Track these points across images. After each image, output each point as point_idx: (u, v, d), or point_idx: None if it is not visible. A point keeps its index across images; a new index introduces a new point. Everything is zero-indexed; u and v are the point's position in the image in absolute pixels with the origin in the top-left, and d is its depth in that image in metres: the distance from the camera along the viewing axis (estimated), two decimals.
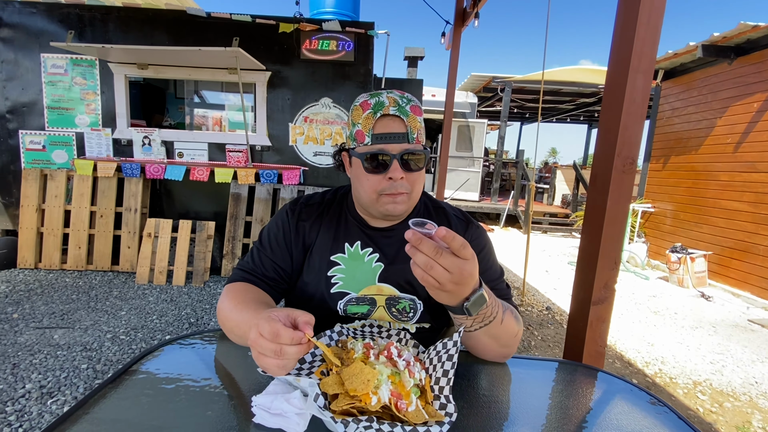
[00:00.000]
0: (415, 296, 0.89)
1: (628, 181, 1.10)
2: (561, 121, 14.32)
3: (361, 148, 0.83)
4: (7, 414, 1.78)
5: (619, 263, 1.16)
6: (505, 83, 8.39)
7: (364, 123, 0.82)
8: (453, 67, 4.07)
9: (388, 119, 0.81)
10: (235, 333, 0.78)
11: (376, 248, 0.90)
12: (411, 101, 0.83)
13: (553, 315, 3.58)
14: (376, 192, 0.83)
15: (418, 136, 0.83)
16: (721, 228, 4.81)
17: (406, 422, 0.57)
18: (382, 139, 0.81)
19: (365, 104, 0.83)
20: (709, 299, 4.26)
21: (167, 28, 3.85)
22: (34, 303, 3.03)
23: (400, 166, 0.81)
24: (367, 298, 0.88)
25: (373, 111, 0.81)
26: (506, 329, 0.76)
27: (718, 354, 2.98)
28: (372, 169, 0.82)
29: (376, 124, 0.81)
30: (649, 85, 1.08)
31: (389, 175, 0.81)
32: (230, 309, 0.78)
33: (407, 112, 0.81)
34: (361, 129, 0.82)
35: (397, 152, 0.81)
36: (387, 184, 0.82)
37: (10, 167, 3.94)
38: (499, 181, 8.96)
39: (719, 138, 4.93)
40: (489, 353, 0.80)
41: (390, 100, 0.81)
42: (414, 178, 0.84)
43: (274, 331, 0.56)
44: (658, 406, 0.73)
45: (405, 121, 0.81)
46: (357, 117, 0.83)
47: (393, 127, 0.81)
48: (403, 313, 0.89)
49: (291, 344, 0.57)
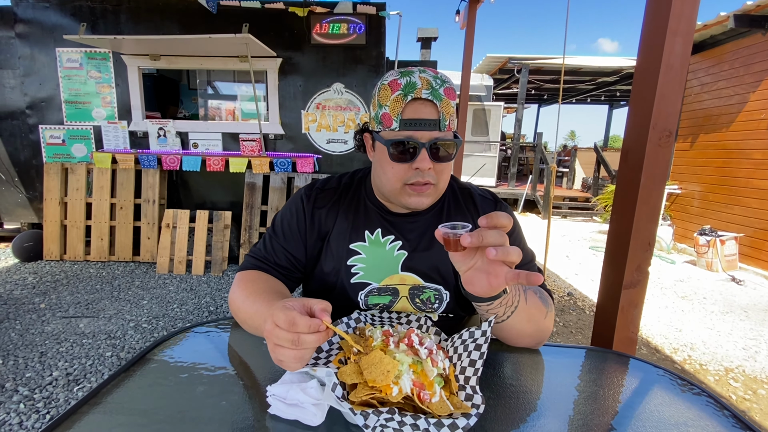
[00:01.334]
0: (441, 285, 0.84)
1: (664, 156, 1.02)
2: (581, 102, 13.86)
3: (388, 134, 0.76)
4: (35, 401, 1.83)
5: (653, 245, 1.09)
6: (522, 64, 8.12)
7: (393, 106, 0.73)
8: (468, 48, 3.93)
9: (420, 103, 0.73)
10: (248, 324, 0.75)
11: (399, 235, 0.85)
12: (445, 83, 0.75)
13: (574, 301, 3.50)
14: (400, 181, 0.77)
15: (450, 122, 0.75)
16: (753, 209, 4.58)
17: (429, 414, 0.53)
18: (411, 125, 0.73)
19: (394, 84, 0.74)
20: (740, 283, 4.09)
21: (178, 17, 3.84)
22: (60, 293, 3.12)
23: (429, 156, 0.74)
24: (389, 288, 0.84)
25: (403, 93, 0.73)
26: (534, 308, 0.72)
27: (750, 339, 2.86)
28: (398, 157, 0.75)
29: (406, 108, 0.73)
30: (689, 50, 0.98)
31: (416, 164, 0.74)
32: (243, 299, 0.75)
33: (441, 95, 0.73)
34: (389, 112, 0.74)
35: (426, 140, 0.74)
36: (413, 173, 0.76)
37: (32, 162, 4.03)
38: (516, 165, 8.76)
39: (752, 114, 4.66)
40: (523, 339, 0.75)
41: (423, 82, 0.73)
42: (442, 168, 0.78)
43: (290, 320, 0.53)
44: (702, 396, 0.67)
45: (438, 106, 0.73)
46: (384, 98, 0.75)
47: (424, 113, 0.73)
48: (427, 304, 0.84)
49: (308, 332, 0.53)
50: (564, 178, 10.19)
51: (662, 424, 0.58)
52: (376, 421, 0.51)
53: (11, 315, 2.72)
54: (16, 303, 2.92)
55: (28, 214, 4.15)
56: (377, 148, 0.80)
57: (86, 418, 0.55)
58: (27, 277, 3.43)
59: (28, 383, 1.97)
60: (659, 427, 0.57)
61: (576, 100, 13.14)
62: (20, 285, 3.26)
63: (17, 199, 4.12)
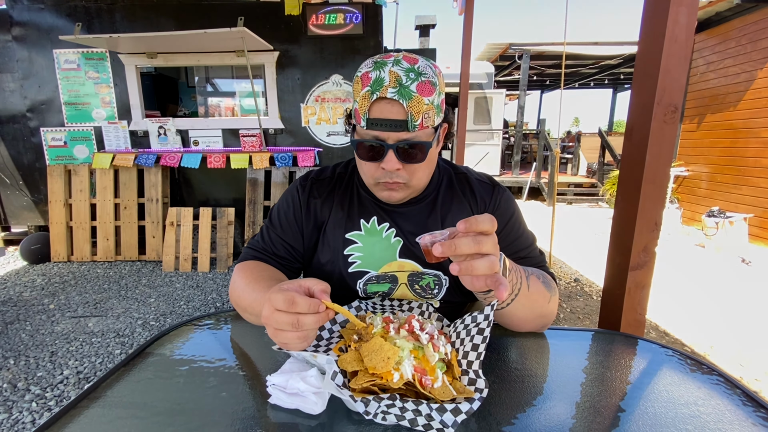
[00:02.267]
0: (440, 271, 0.82)
1: (671, 133, 0.98)
2: (584, 87, 13.67)
3: (358, 131, 0.75)
4: (47, 399, 1.86)
5: (660, 225, 1.06)
6: (523, 50, 8.00)
7: (361, 103, 0.71)
8: (467, 34, 3.87)
9: (386, 103, 0.69)
10: (249, 312, 0.74)
11: (393, 224, 0.84)
12: (420, 76, 0.68)
13: (581, 287, 3.47)
14: (372, 179, 0.77)
15: (422, 121, 0.69)
16: (762, 188, 4.50)
17: (432, 399, 0.52)
18: (377, 125, 0.70)
19: (365, 78, 0.70)
20: (750, 264, 4.03)
21: (173, 14, 3.81)
22: (69, 294, 3.15)
23: (396, 157, 0.72)
24: (387, 276, 0.83)
25: (370, 90, 0.69)
26: (537, 293, 0.70)
27: (760, 320, 2.82)
28: (367, 157, 0.74)
29: (372, 107, 0.70)
30: (694, 21, 0.95)
31: (383, 165, 0.72)
32: (243, 288, 0.75)
33: (410, 93, 0.67)
34: (358, 109, 0.72)
35: (393, 142, 0.71)
36: (381, 173, 0.74)
37: (35, 165, 4.05)
38: (520, 153, 8.67)
39: (760, 91, 4.56)
40: (527, 324, 0.74)
41: (391, 78, 0.67)
42: (413, 169, 0.75)
43: (289, 300, 0.52)
44: (712, 375, 0.66)
45: (405, 106, 0.68)
46: (356, 92, 0.72)
47: (390, 113, 0.69)
48: (426, 290, 0.83)
49: (308, 312, 0.52)
50: (568, 164, 10.08)
51: (672, 404, 0.57)
52: (377, 407, 0.50)
53: (21, 316, 2.75)
54: (26, 305, 2.95)
55: (34, 216, 4.18)
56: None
57: (86, 412, 0.55)
58: (36, 279, 3.46)
59: (40, 382, 2.00)
60: (669, 407, 0.56)
61: (579, 84, 12.96)
62: (29, 287, 3.30)
63: (23, 203, 4.15)
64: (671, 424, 0.52)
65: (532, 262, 0.80)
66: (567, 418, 0.53)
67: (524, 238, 0.84)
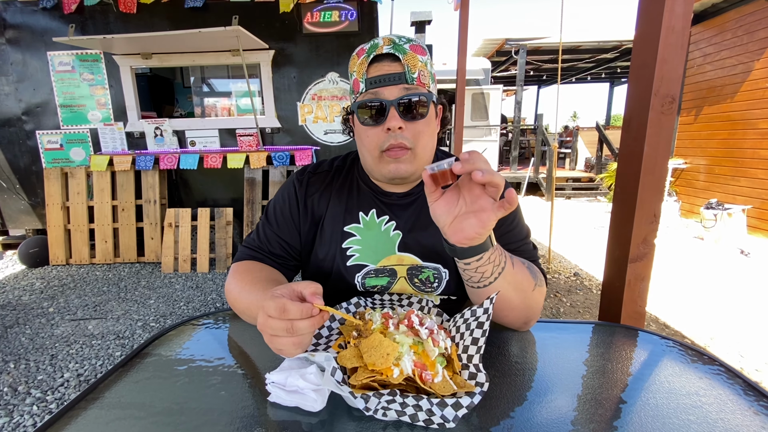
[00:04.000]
0: (440, 264, 0.81)
1: (668, 123, 0.98)
2: (581, 81, 13.65)
3: (358, 99, 0.75)
4: (48, 402, 1.85)
5: (659, 216, 1.06)
6: (519, 45, 7.98)
7: (359, 69, 0.73)
8: (463, 30, 3.85)
9: (383, 60, 0.72)
10: (247, 315, 0.74)
11: (393, 216, 0.83)
12: (411, 41, 0.73)
13: (581, 281, 3.47)
14: (377, 148, 0.74)
15: (419, 76, 0.71)
16: (761, 180, 4.51)
17: (432, 394, 0.52)
18: (376, 83, 0.71)
19: (360, 50, 0.74)
20: (748, 255, 4.04)
21: (167, 14, 3.78)
22: (68, 297, 3.15)
23: (398, 114, 0.71)
24: (386, 270, 0.81)
25: (366, 54, 0.72)
26: (521, 275, 0.68)
27: (759, 311, 2.83)
28: (368, 122, 0.73)
29: (370, 68, 0.72)
30: (690, 11, 0.94)
31: (386, 125, 0.71)
32: (239, 291, 0.74)
33: (404, 49, 0.71)
34: (357, 77, 0.74)
35: (393, 97, 0.71)
36: (386, 136, 0.73)
37: (32, 168, 4.04)
38: (518, 149, 8.67)
39: (757, 83, 4.56)
40: (512, 312, 0.70)
41: (385, 40, 0.72)
42: (418, 130, 0.73)
43: (281, 307, 0.51)
44: (713, 365, 0.65)
45: (402, 59, 0.70)
46: (353, 65, 0.75)
47: (388, 69, 0.71)
48: (426, 284, 0.82)
49: (301, 318, 0.52)
50: (567, 159, 10.09)
51: (673, 394, 0.57)
52: (377, 403, 0.50)
53: (21, 320, 2.74)
54: (25, 308, 2.94)
55: (32, 220, 4.17)
56: (354, 120, 0.79)
57: (84, 413, 0.54)
58: (35, 283, 3.45)
59: (41, 386, 1.99)
60: (670, 398, 0.56)
61: (576, 79, 12.93)
62: (28, 290, 3.29)
63: (20, 206, 4.13)
64: (673, 415, 0.52)
65: (524, 255, 0.79)
66: (568, 410, 0.53)
67: (519, 230, 0.82)
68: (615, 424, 0.51)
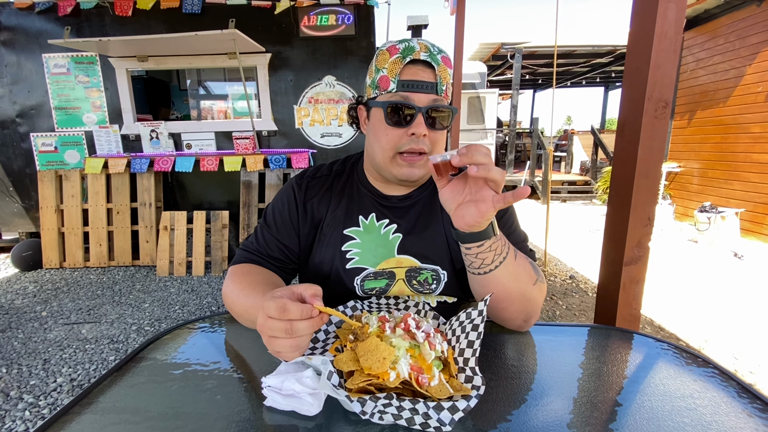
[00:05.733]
0: (438, 266, 0.82)
1: (662, 128, 0.99)
2: (576, 85, 13.76)
3: (384, 96, 0.75)
4: (40, 408, 1.83)
5: (653, 219, 1.07)
6: (515, 49, 8.04)
7: (391, 68, 0.73)
8: (459, 34, 3.87)
9: (418, 66, 0.73)
10: (244, 318, 0.73)
11: (393, 218, 0.84)
12: (442, 51, 0.75)
13: (577, 283, 3.49)
14: (393, 149, 0.76)
15: (446, 89, 0.75)
16: (753, 183, 4.56)
17: (429, 398, 0.52)
18: (408, 87, 0.72)
19: (393, 48, 0.74)
20: (742, 258, 4.08)
21: (163, 17, 3.78)
22: (62, 300, 3.12)
23: (425, 121, 0.73)
24: (385, 272, 0.82)
25: (401, 55, 0.73)
26: (522, 267, 0.70)
27: (753, 314, 2.85)
28: (393, 122, 0.74)
29: (404, 70, 0.73)
30: (683, 17, 0.96)
31: (412, 129, 0.73)
32: (237, 293, 0.74)
33: (438, 60, 0.73)
34: (387, 74, 0.74)
35: (423, 104, 0.73)
36: (407, 139, 0.74)
37: (25, 171, 4.00)
38: (514, 152, 8.71)
39: (749, 87, 4.62)
40: (512, 306, 0.70)
41: (421, 46, 0.73)
42: (437, 138, 0.76)
43: (281, 307, 0.51)
44: (707, 368, 0.66)
45: (436, 69, 0.73)
46: (382, 62, 0.75)
47: (422, 75, 0.73)
48: (424, 285, 0.82)
49: (301, 318, 0.52)
50: (562, 162, 10.15)
51: (668, 397, 0.57)
52: (373, 407, 0.50)
53: (13, 324, 2.71)
54: (18, 312, 2.91)
55: (26, 223, 4.13)
56: (372, 115, 0.79)
57: (77, 418, 0.54)
58: (27, 286, 3.42)
59: (33, 390, 1.97)
60: (665, 400, 0.56)
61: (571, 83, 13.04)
62: (21, 294, 3.25)
63: (13, 209, 4.10)
64: (668, 417, 0.52)
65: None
66: (564, 413, 0.53)
67: (516, 234, 0.85)
68: (610, 426, 0.51)
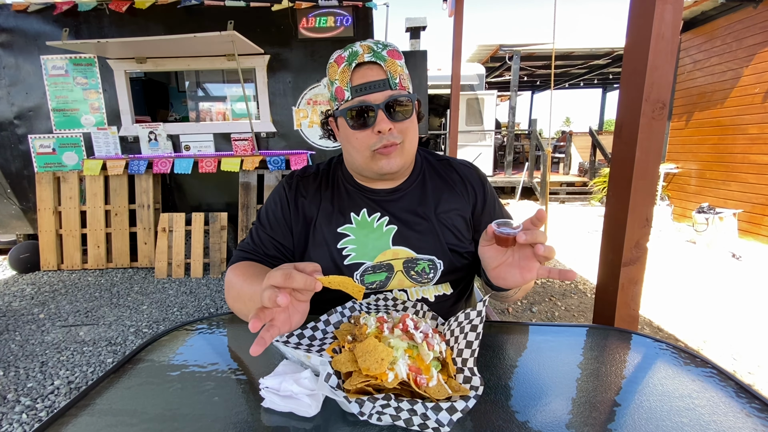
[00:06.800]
0: (434, 255, 0.84)
1: (659, 129, 0.99)
2: (574, 87, 13.81)
3: (344, 105, 0.77)
4: (37, 410, 1.82)
5: (651, 220, 1.07)
6: (513, 51, 8.06)
7: (341, 77, 0.75)
8: (458, 35, 3.88)
9: (365, 68, 0.75)
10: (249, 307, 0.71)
11: (384, 212, 0.86)
12: (387, 46, 0.77)
13: (576, 284, 3.49)
14: (368, 149, 0.77)
15: (401, 81, 0.76)
16: (751, 184, 4.57)
17: (427, 398, 0.52)
18: (361, 90, 0.74)
19: (339, 58, 0.76)
20: (740, 259, 4.09)
21: (161, 19, 3.78)
22: (59, 303, 3.10)
23: (387, 117, 0.75)
24: (383, 265, 0.84)
25: (347, 63, 0.75)
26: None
27: (751, 314, 2.86)
28: (358, 126, 0.76)
29: (353, 75, 0.75)
30: (680, 19, 0.96)
31: (377, 128, 0.75)
32: (242, 283, 0.74)
33: (384, 56, 0.75)
34: (340, 85, 0.76)
35: (380, 101, 0.74)
36: (376, 138, 0.76)
37: (23, 172, 3.99)
38: (512, 153, 8.72)
39: (746, 88, 4.64)
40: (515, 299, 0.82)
41: (363, 48, 0.75)
42: (405, 127, 0.78)
43: (287, 274, 0.52)
44: (705, 368, 0.66)
45: (383, 66, 0.75)
46: (333, 74, 0.77)
47: (371, 75, 0.74)
48: (422, 275, 0.84)
49: (305, 288, 0.53)
50: (560, 163, 10.17)
51: (666, 397, 0.57)
52: (371, 408, 0.50)
53: (11, 326, 2.70)
54: (15, 314, 2.90)
55: (23, 225, 4.12)
56: (340, 125, 0.81)
57: (74, 420, 0.54)
58: (25, 289, 3.40)
59: (30, 393, 1.96)
60: (663, 400, 0.56)
61: (569, 85, 13.09)
62: (18, 296, 3.24)
63: (11, 211, 4.08)
64: (666, 417, 0.52)
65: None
66: (563, 413, 0.53)
67: (505, 214, 0.92)
68: (609, 426, 0.51)
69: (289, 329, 0.57)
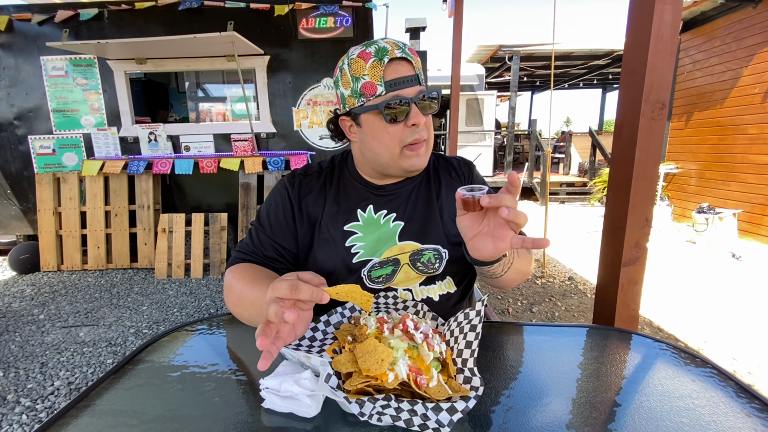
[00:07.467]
0: (439, 245, 0.85)
1: (659, 129, 0.99)
2: (573, 87, 13.82)
3: (375, 100, 0.76)
4: (37, 411, 1.82)
5: (651, 220, 1.07)
6: (513, 51, 8.07)
7: (372, 73, 0.75)
8: (457, 36, 3.88)
9: (396, 63, 0.76)
10: (250, 312, 0.71)
11: (390, 207, 0.87)
12: (407, 45, 0.80)
13: (576, 285, 3.49)
14: (399, 145, 0.79)
15: (424, 78, 0.81)
16: (750, 184, 4.57)
17: (427, 399, 0.52)
18: (396, 85, 0.75)
19: (365, 54, 0.76)
20: (740, 259, 4.09)
21: (161, 20, 3.78)
22: (59, 303, 3.10)
23: (420, 110, 0.77)
24: (390, 260, 0.84)
25: (378, 58, 0.75)
26: (524, 260, 0.79)
27: (751, 315, 2.86)
28: (393, 119, 0.77)
29: (386, 70, 0.75)
30: (679, 19, 0.96)
31: (411, 121, 0.77)
32: (242, 288, 0.72)
33: (409, 53, 0.77)
34: (370, 80, 0.75)
35: (413, 95, 0.76)
36: (409, 131, 0.78)
37: (23, 173, 3.99)
38: (512, 154, 8.72)
39: (746, 89, 4.64)
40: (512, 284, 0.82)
41: (391, 44, 0.76)
42: (430, 122, 0.82)
43: (293, 285, 0.52)
44: (705, 368, 0.66)
45: (412, 62, 0.77)
46: (359, 69, 0.76)
47: (403, 71, 0.76)
48: (428, 265, 0.85)
49: (311, 299, 0.53)
50: (560, 164, 10.17)
51: (666, 397, 0.57)
52: (371, 408, 0.50)
53: (10, 327, 2.70)
54: (15, 315, 2.89)
55: (23, 226, 4.11)
56: (365, 122, 0.80)
57: (74, 421, 0.54)
58: (25, 289, 3.40)
59: (30, 394, 1.96)
60: (663, 400, 0.56)
61: (569, 85, 13.09)
62: (18, 297, 3.24)
63: (11, 212, 4.08)
64: (666, 417, 0.52)
65: None
66: (563, 413, 0.53)
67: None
68: (609, 426, 0.51)
69: (294, 339, 0.57)
